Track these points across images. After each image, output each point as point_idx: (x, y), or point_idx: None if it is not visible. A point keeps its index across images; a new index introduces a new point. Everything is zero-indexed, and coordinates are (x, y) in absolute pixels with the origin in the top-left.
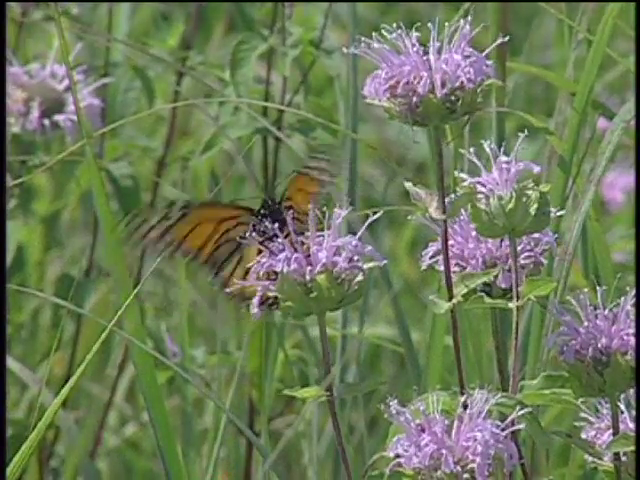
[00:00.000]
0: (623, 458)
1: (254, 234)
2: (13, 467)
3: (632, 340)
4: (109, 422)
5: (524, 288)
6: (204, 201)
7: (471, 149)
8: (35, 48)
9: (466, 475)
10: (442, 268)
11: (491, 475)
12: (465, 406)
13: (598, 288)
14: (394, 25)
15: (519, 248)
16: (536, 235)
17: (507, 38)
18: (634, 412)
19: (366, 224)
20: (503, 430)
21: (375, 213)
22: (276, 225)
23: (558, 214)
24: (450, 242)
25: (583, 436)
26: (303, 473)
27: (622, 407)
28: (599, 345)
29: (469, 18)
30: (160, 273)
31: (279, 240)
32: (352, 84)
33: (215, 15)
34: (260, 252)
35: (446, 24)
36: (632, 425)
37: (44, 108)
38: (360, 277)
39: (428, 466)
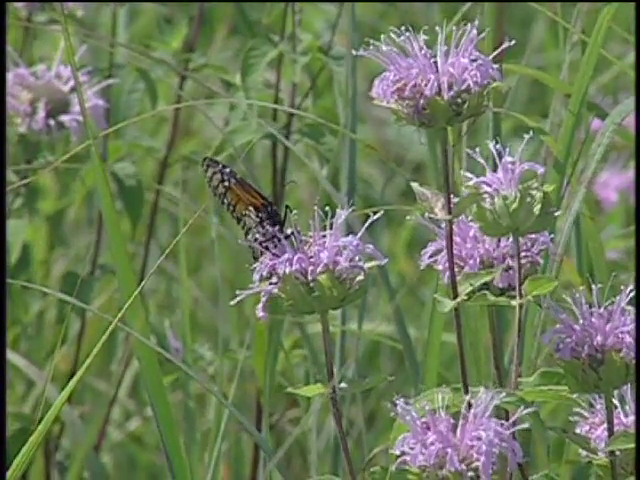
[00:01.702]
0: (617, 453)
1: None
2: (19, 460)
3: (627, 338)
4: (113, 417)
5: (526, 287)
6: (241, 179)
7: (476, 149)
8: (41, 50)
9: (470, 474)
10: (441, 267)
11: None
12: (469, 404)
13: (593, 286)
14: (394, 28)
15: None
16: (532, 235)
17: (512, 42)
18: (628, 407)
19: (367, 224)
20: (507, 429)
21: (374, 213)
22: (276, 227)
23: (554, 214)
24: None
25: (577, 431)
26: (304, 467)
27: (616, 402)
28: (594, 343)
29: (476, 22)
30: (162, 270)
31: (282, 241)
32: (351, 86)
33: (217, 18)
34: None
35: (444, 27)
36: (625, 420)
37: (50, 108)
38: (361, 276)
39: (433, 464)
